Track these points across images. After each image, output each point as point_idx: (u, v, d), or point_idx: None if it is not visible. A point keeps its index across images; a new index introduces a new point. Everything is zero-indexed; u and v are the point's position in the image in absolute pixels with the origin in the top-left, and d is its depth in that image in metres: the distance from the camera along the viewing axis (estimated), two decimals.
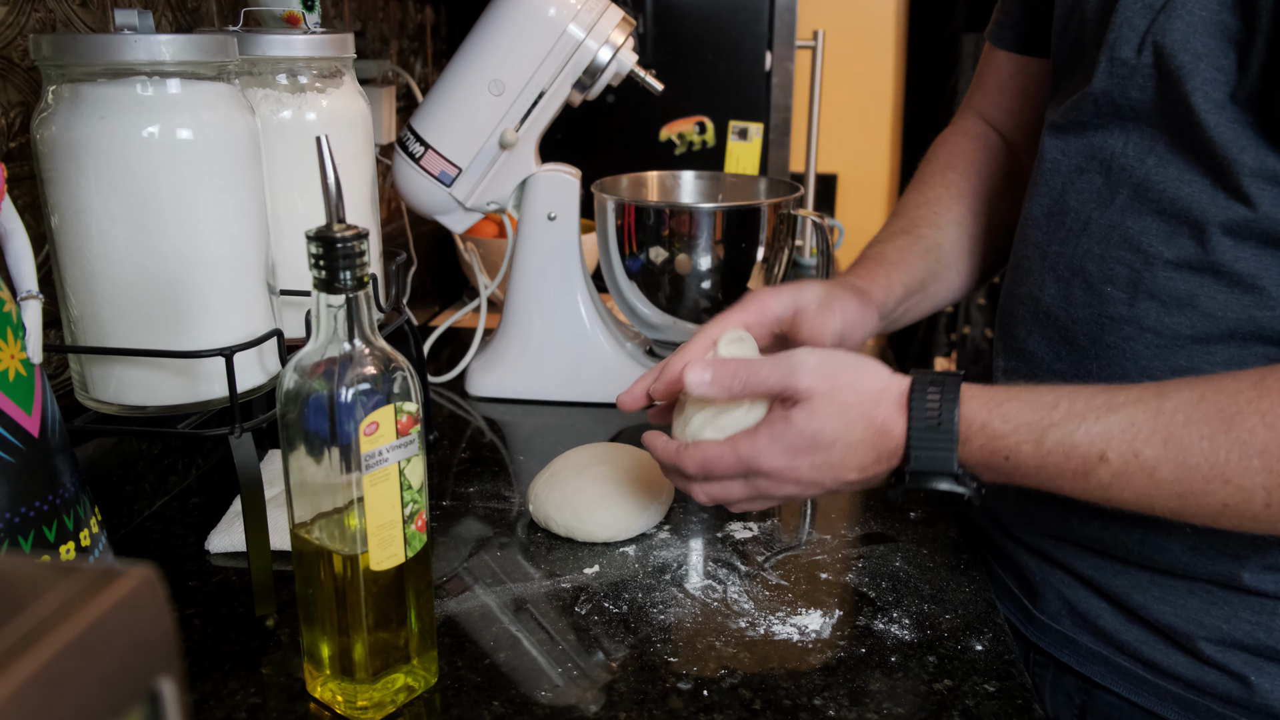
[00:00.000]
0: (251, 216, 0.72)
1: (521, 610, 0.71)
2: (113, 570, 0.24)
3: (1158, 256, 0.63)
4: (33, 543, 0.55)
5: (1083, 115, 0.66)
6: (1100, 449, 0.55)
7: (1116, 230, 0.64)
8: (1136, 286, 0.64)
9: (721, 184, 1.22)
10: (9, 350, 0.54)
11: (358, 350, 0.55)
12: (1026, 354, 0.72)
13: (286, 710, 0.61)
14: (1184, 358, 0.63)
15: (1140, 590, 0.69)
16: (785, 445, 0.60)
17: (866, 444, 0.60)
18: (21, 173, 0.74)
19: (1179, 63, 0.58)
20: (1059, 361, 0.69)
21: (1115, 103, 0.63)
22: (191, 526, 0.82)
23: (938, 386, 0.59)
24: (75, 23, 0.78)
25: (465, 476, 0.92)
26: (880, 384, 0.61)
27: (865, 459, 0.60)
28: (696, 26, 1.49)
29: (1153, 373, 0.64)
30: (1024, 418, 0.57)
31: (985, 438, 0.58)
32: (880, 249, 0.82)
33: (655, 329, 1.13)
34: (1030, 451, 0.57)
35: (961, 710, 0.61)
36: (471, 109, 1.01)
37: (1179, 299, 0.62)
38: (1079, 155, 0.67)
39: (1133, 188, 0.63)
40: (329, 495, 0.55)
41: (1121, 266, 0.64)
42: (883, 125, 2.35)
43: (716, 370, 0.62)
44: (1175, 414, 0.54)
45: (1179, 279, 0.62)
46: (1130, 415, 0.55)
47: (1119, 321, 0.65)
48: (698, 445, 0.64)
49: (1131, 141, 0.63)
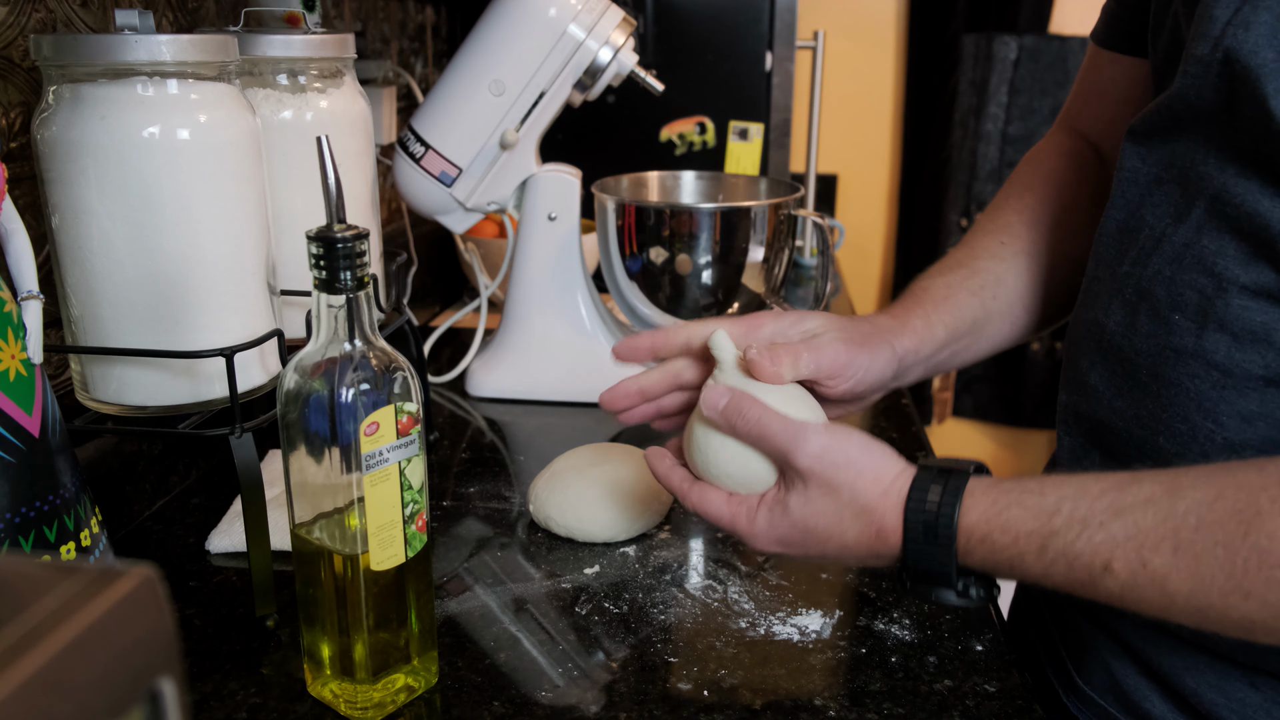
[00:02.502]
0: (252, 216, 0.72)
1: (522, 610, 0.71)
2: (113, 570, 0.24)
3: (1233, 281, 0.56)
4: (33, 543, 0.55)
5: (1163, 120, 0.60)
6: (1105, 559, 0.50)
7: (1191, 249, 0.58)
8: (1206, 315, 0.57)
9: (722, 184, 1.22)
10: (9, 350, 0.54)
11: (358, 350, 0.55)
12: (1087, 389, 0.65)
13: (286, 710, 0.61)
14: (1255, 402, 0.56)
15: (1194, 674, 0.62)
16: (779, 535, 0.58)
17: (863, 545, 0.57)
18: (22, 173, 0.74)
19: (1258, 62, 0.52)
20: (1118, 398, 0.63)
21: (1192, 105, 0.57)
22: (192, 526, 0.82)
23: (940, 488, 0.55)
24: (76, 23, 0.78)
25: (465, 477, 0.92)
26: (881, 487, 0.57)
27: (864, 555, 0.58)
28: (697, 26, 1.49)
29: (1218, 417, 0.57)
30: (1025, 527, 0.53)
31: (987, 550, 0.54)
32: (926, 283, 0.75)
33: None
34: (1033, 562, 0.53)
35: (961, 710, 0.61)
36: (472, 109, 1.01)
37: (1253, 332, 0.55)
38: (1158, 164, 0.61)
39: (1210, 199, 0.57)
40: (329, 495, 0.55)
41: (1192, 291, 0.58)
42: (883, 125, 2.35)
43: (732, 403, 0.60)
44: (1187, 517, 0.48)
45: (1255, 309, 0.55)
46: (1137, 520, 0.50)
47: (1184, 355, 0.58)
48: (703, 493, 0.62)
49: (1212, 150, 0.57)
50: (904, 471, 0.57)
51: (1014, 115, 2.21)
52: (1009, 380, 2.39)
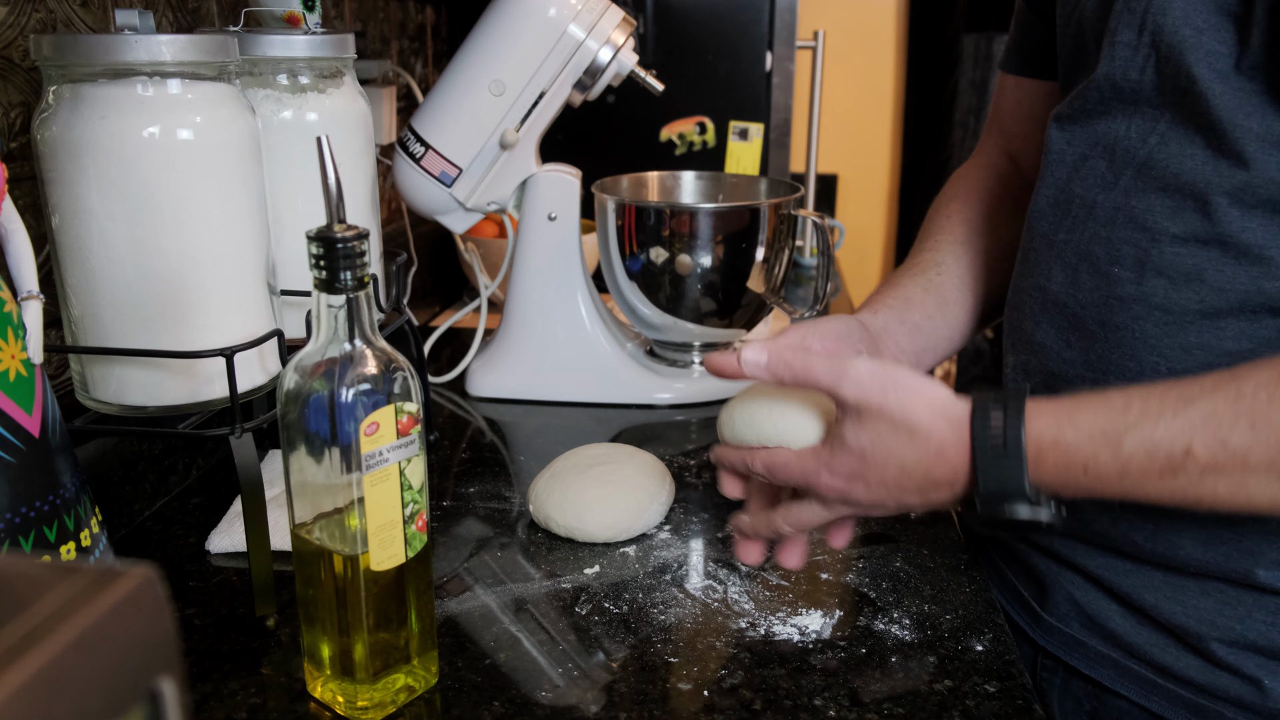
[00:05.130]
0: (252, 217, 0.72)
1: (522, 610, 0.71)
2: (113, 570, 0.24)
3: (1164, 233, 0.62)
4: (33, 543, 0.55)
5: (1087, 104, 0.67)
6: (1185, 443, 0.53)
7: (1122, 211, 0.64)
8: (1144, 265, 0.63)
9: (722, 184, 1.22)
10: (9, 350, 0.54)
11: (358, 350, 0.55)
12: (1035, 345, 0.71)
13: (287, 710, 0.61)
14: (1194, 334, 0.62)
15: (1151, 590, 0.68)
16: (845, 470, 0.59)
17: (922, 468, 0.58)
18: (22, 173, 0.74)
19: (1180, 38, 0.59)
20: (1068, 349, 0.69)
21: (1117, 86, 0.64)
22: (192, 527, 0.82)
23: (1000, 406, 0.57)
24: (76, 23, 0.78)
25: (465, 477, 0.92)
26: (934, 409, 0.58)
27: (923, 482, 0.58)
28: (696, 26, 1.49)
29: (1163, 351, 0.63)
30: (1098, 425, 0.55)
31: (1058, 453, 0.55)
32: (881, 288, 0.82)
33: (655, 329, 1.13)
34: (1109, 459, 0.54)
35: (961, 710, 0.61)
36: (472, 109, 1.01)
37: (1186, 274, 0.62)
38: (1083, 143, 0.67)
39: (1136, 168, 0.64)
40: (329, 495, 0.55)
41: (1128, 246, 0.64)
42: (883, 125, 2.35)
43: (772, 355, 0.61)
44: (1258, 394, 0.52)
45: (1186, 254, 0.62)
46: (1210, 404, 0.53)
47: (1127, 301, 0.64)
48: (769, 454, 0.63)
49: (1134, 124, 0.64)
50: (955, 397, 0.59)
51: None
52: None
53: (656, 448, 0.95)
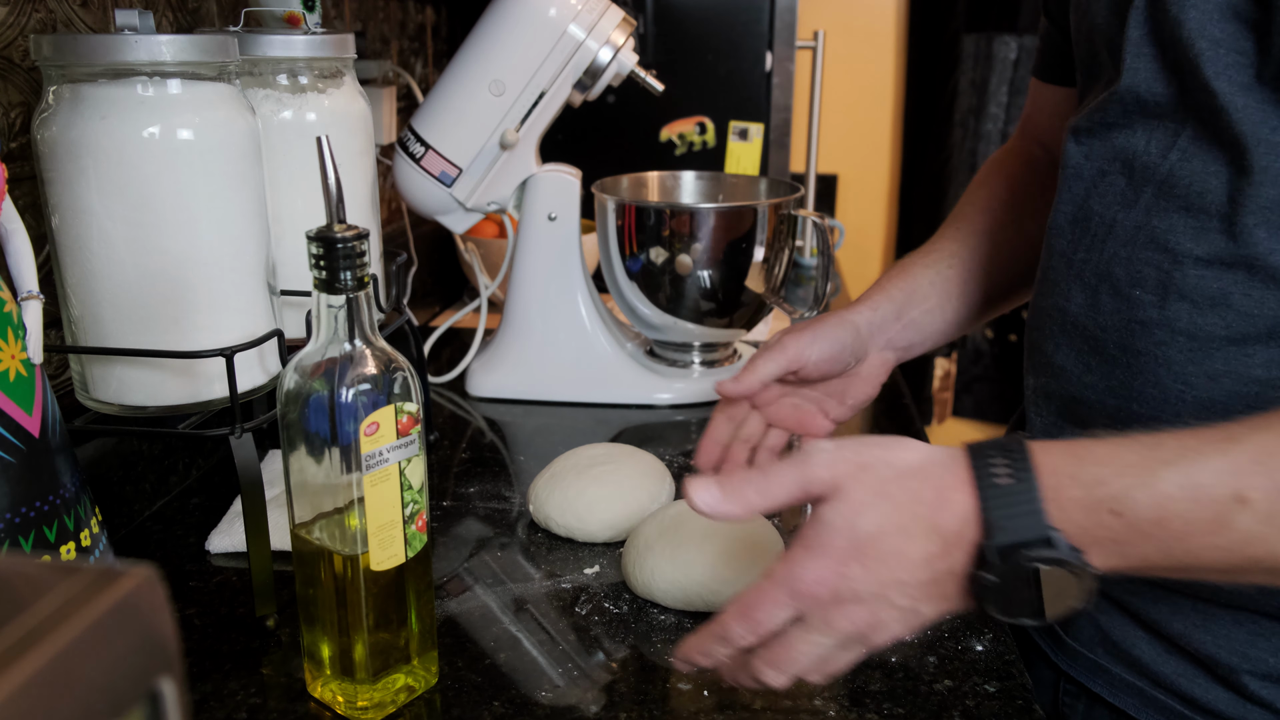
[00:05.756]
0: (252, 216, 0.72)
1: (522, 610, 0.71)
2: (113, 570, 0.24)
3: (1187, 254, 0.59)
4: (33, 543, 0.55)
5: (1107, 117, 0.64)
6: (1234, 487, 0.44)
7: (1143, 230, 0.61)
8: (1166, 288, 0.60)
9: (722, 184, 1.22)
10: (9, 350, 0.54)
11: (358, 350, 0.55)
12: (1055, 369, 0.68)
13: (287, 710, 0.61)
14: (1220, 361, 0.59)
15: (1180, 618, 0.64)
16: (821, 552, 0.48)
17: (921, 525, 0.48)
18: (22, 173, 0.74)
19: (1198, 50, 0.56)
20: (1089, 374, 0.65)
21: (1139, 98, 0.61)
22: (192, 526, 0.82)
23: (997, 449, 0.48)
24: (76, 23, 0.78)
25: (465, 477, 0.92)
26: (922, 450, 0.50)
27: (928, 546, 0.48)
28: (696, 26, 1.49)
29: (1188, 378, 0.60)
30: (1127, 456, 0.46)
31: (1081, 487, 0.46)
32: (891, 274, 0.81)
33: (655, 329, 1.13)
34: (1145, 500, 0.45)
35: (961, 710, 0.61)
36: (472, 109, 1.01)
37: (1211, 298, 0.58)
38: (1101, 158, 0.65)
39: (1157, 185, 0.61)
40: (329, 495, 0.55)
41: (1150, 268, 0.61)
42: (883, 125, 2.35)
43: (724, 485, 0.50)
44: None
45: (1210, 276, 0.58)
46: (1260, 442, 0.45)
47: (1150, 326, 0.61)
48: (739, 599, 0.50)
49: (1154, 139, 0.61)
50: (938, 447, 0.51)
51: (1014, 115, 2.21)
52: (1009, 380, 2.39)
53: (656, 448, 0.95)
